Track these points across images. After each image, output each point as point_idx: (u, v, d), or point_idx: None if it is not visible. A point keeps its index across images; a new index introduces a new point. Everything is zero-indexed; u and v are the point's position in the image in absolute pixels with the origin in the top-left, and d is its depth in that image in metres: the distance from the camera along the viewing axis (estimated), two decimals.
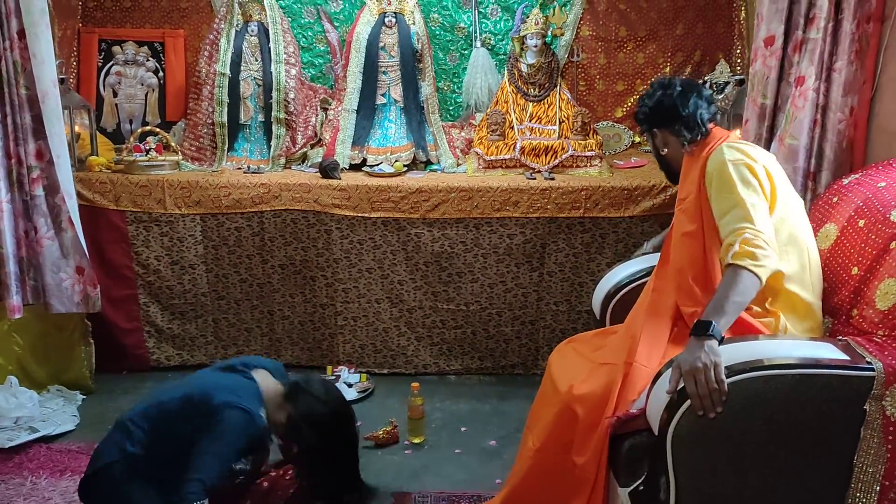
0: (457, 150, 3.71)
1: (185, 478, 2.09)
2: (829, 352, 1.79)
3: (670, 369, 1.82)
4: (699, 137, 2.21)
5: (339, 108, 3.71)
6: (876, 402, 1.71)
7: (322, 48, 3.97)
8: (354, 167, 3.59)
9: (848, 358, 1.76)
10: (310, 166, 3.62)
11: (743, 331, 1.97)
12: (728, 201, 1.99)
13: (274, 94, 3.62)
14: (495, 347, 3.46)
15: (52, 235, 3.04)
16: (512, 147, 3.46)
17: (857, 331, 1.93)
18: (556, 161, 3.42)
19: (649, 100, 2.29)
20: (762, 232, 1.91)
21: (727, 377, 1.71)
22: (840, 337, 1.92)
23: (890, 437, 1.71)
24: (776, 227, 1.99)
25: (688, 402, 1.73)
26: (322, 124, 3.76)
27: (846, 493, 1.77)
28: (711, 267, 2.08)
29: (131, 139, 3.51)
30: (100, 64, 3.92)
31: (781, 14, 2.73)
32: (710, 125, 2.24)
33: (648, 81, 3.92)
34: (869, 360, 1.74)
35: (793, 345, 1.81)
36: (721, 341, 1.80)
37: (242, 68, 3.67)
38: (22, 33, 2.84)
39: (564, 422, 2.05)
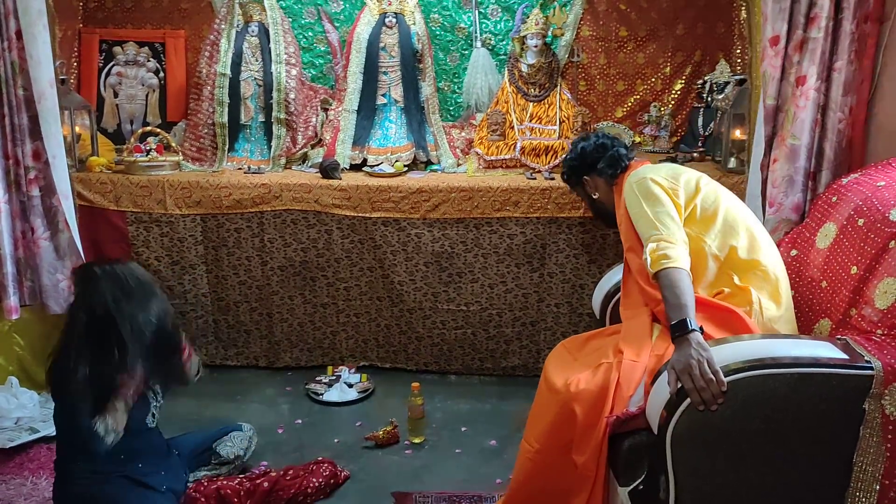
0: (457, 150, 3.72)
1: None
2: (828, 350, 1.79)
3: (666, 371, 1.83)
4: (620, 171, 2.50)
5: (340, 109, 3.71)
6: (875, 400, 1.71)
7: (322, 48, 3.98)
8: (355, 167, 3.59)
9: (847, 357, 1.76)
10: (310, 166, 3.62)
11: (717, 315, 2.05)
12: (638, 217, 2.22)
13: (274, 94, 3.62)
14: (496, 349, 3.46)
15: (48, 236, 3.04)
16: (512, 147, 3.46)
17: (857, 330, 1.93)
18: (557, 161, 3.42)
19: (573, 153, 2.65)
20: (660, 232, 2.11)
21: (726, 376, 1.71)
22: (839, 336, 1.92)
23: (889, 436, 1.71)
24: (707, 214, 2.20)
25: (687, 401, 1.73)
26: (322, 124, 3.76)
27: (846, 492, 1.77)
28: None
29: (132, 139, 3.51)
30: (101, 64, 3.93)
31: (784, 13, 2.73)
32: (629, 162, 2.53)
33: (649, 81, 3.94)
34: (868, 358, 1.74)
35: (792, 343, 1.81)
36: (701, 331, 1.87)
37: (243, 69, 3.67)
38: (19, 34, 2.85)
39: (563, 421, 2.05)
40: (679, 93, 3.96)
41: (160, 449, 2.45)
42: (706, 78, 3.81)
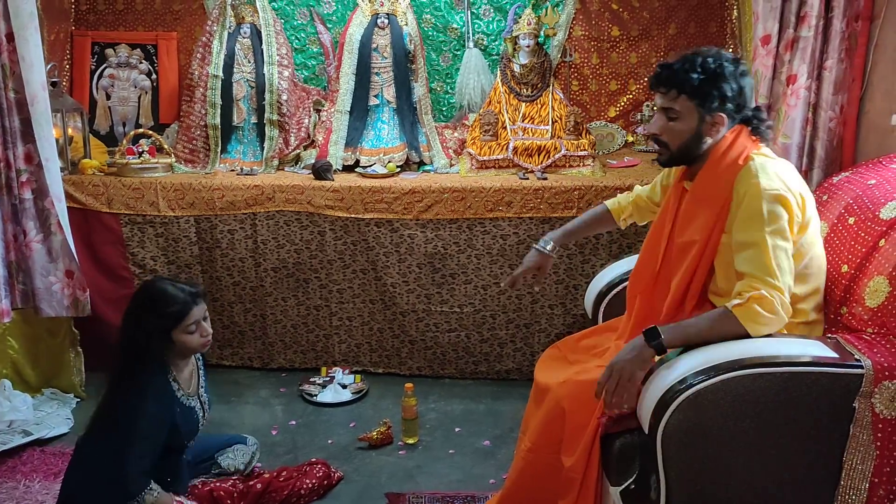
0: (450, 150, 3.72)
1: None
2: (818, 349, 1.80)
3: (661, 367, 1.83)
4: (756, 137, 2.01)
5: (332, 110, 3.71)
6: (865, 399, 1.72)
7: (315, 50, 3.97)
8: (347, 168, 3.59)
9: (837, 355, 1.77)
10: (303, 168, 3.62)
11: None
12: (751, 237, 1.86)
13: (267, 95, 3.62)
14: (490, 352, 3.46)
15: (40, 239, 3.04)
16: (505, 147, 3.46)
17: (847, 328, 1.94)
18: (549, 161, 3.42)
19: (731, 81, 1.94)
20: (781, 290, 1.82)
21: (716, 376, 1.72)
22: (829, 335, 1.93)
23: (879, 434, 1.72)
24: (801, 252, 1.93)
25: (678, 401, 1.74)
26: (315, 126, 3.76)
27: (836, 490, 1.78)
28: (703, 284, 2.02)
29: (124, 142, 3.51)
30: (93, 67, 3.92)
31: (776, 12, 2.74)
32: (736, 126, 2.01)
33: (642, 81, 3.94)
34: (858, 357, 1.75)
35: (782, 343, 1.82)
36: (664, 351, 1.86)
37: (235, 70, 3.66)
38: (11, 36, 2.84)
39: (553, 419, 2.05)
40: None
41: (181, 463, 2.46)
42: None
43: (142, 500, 2.19)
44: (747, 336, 1.82)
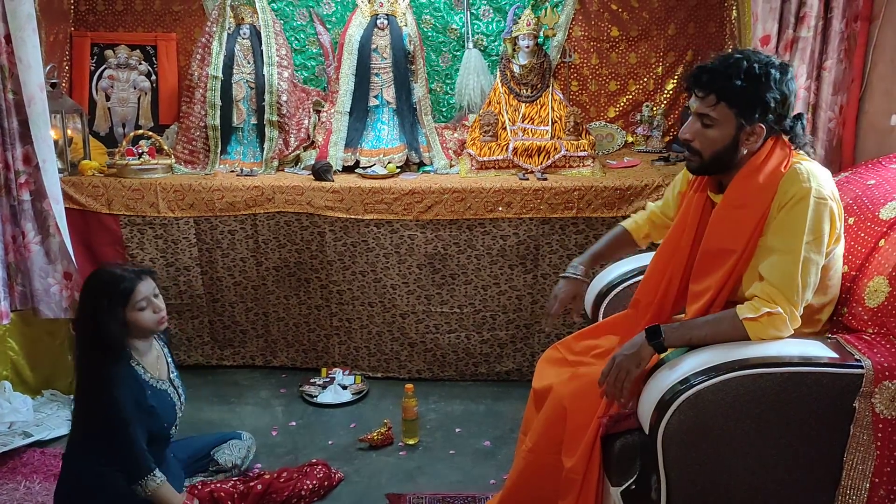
0: (449, 151, 3.72)
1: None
2: (818, 350, 1.80)
3: (661, 368, 1.83)
4: (795, 147, 1.91)
5: (332, 111, 3.71)
6: (865, 399, 1.72)
7: (314, 50, 3.98)
8: (347, 169, 3.58)
9: (837, 356, 1.77)
10: (303, 168, 3.62)
11: None
12: (784, 242, 1.79)
13: (266, 96, 3.62)
14: (490, 353, 3.46)
15: (39, 240, 3.04)
16: (504, 148, 3.46)
17: (847, 328, 1.94)
18: (549, 161, 3.43)
19: (776, 91, 1.82)
20: (797, 306, 1.79)
21: (716, 376, 1.72)
22: (829, 335, 1.93)
23: (879, 434, 1.72)
24: (828, 264, 1.87)
25: (679, 401, 1.74)
26: (315, 126, 3.76)
27: (836, 490, 1.78)
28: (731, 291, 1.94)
29: (124, 143, 3.50)
30: (92, 68, 3.92)
31: (775, 13, 2.75)
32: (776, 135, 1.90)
33: (641, 81, 3.95)
34: (858, 357, 1.75)
35: (782, 343, 1.82)
36: (664, 350, 1.87)
37: (235, 71, 3.66)
38: (8, 38, 2.84)
39: (554, 420, 2.05)
40: (671, 92, 3.96)
41: (166, 456, 2.47)
42: None
43: (144, 484, 2.23)
44: (748, 340, 1.82)
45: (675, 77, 3.94)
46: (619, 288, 2.50)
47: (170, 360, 2.53)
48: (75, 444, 2.37)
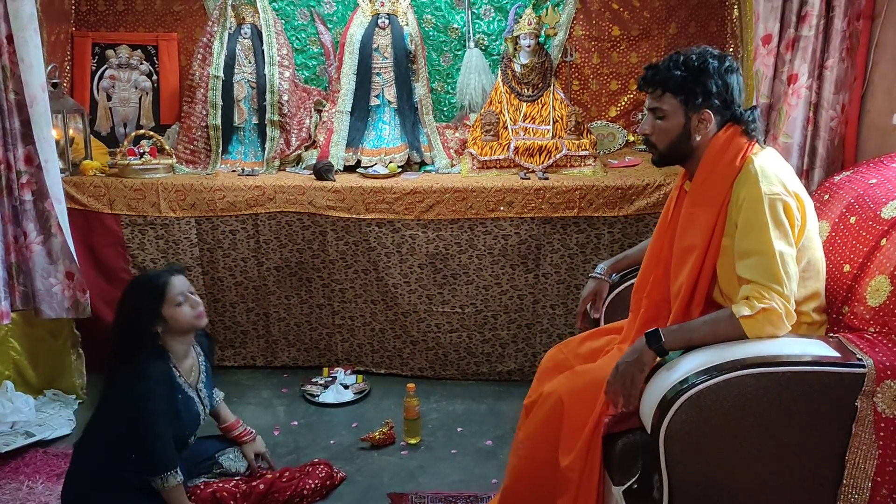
0: (451, 150, 3.72)
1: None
2: (820, 349, 1.80)
3: (663, 367, 1.83)
4: (749, 138, 1.96)
5: (333, 110, 3.71)
6: (867, 398, 1.72)
7: (316, 50, 3.98)
8: (349, 169, 3.59)
9: (839, 355, 1.77)
10: (304, 168, 3.62)
11: None
12: (755, 243, 1.84)
13: (268, 96, 3.62)
14: (491, 352, 3.46)
15: (41, 241, 3.04)
16: (506, 147, 3.46)
17: (849, 328, 1.94)
18: (551, 161, 3.43)
19: (716, 77, 1.93)
20: (789, 298, 1.81)
21: (718, 375, 1.73)
22: (831, 334, 1.93)
23: (881, 434, 1.72)
24: (798, 255, 1.89)
25: (681, 401, 1.74)
26: (316, 126, 3.76)
27: (839, 489, 1.78)
28: (708, 287, 2.00)
29: (125, 143, 3.51)
30: (93, 68, 3.92)
31: (777, 11, 2.74)
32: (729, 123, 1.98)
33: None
34: (860, 356, 1.75)
35: (784, 342, 1.82)
36: (665, 353, 1.88)
37: (236, 71, 3.67)
38: (10, 38, 2.84)
39: (552, 418, 2.05)
40: None
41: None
42: None
43: (165, 479, 2.25)
44: (747, 339, 1.82)
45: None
46: (621, 288, 2.50)
47: (204, 367, 2.55)
48: (90, 440, 2.37)
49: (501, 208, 3.27)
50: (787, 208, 1.86)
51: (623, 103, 4.00)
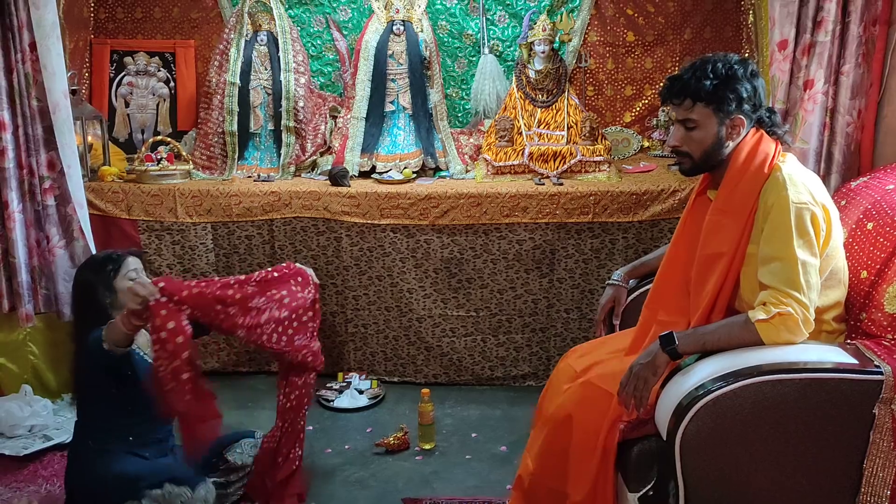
0: (465, 156, 3.73)
1: None
2: (837, 355, 1.79)
3: (678, 373, 1.83)
4: (776, 150, 1.96)
5: (349, 116, 3.73)
6: (885, 405, 1.71)
7: (331, 56, 4.00)
8: (364, 174, 3.60)
9: (856, 362, 1.76)
10: (319, 174, 3.64)
11: None
12: (777, 249, 1.84)
13: (283, 102, 3.65)
14: (506, 356, 3.46)
15: (63, 245, 3.08)
16: (520, 153, 3.47)
17: (866, 334, 1.93)
18: (565, 166, 3.43)
19: (745, 83, 1.92)
20: (807, 307, 1.80)
21: (734, 382, 1.72)
22: (849, 341, 1.92)
23: None
24: (822, 264, 1.89)
25: (696, 407, 1.73)
26: (331, 132, 3.78)
27: (856, 498, 1.76)
28: (730, 296, 1.98)
29: (143, 149, 3.54)
30: (112, 75, 3.96)
31: (792, 17, 2.74)
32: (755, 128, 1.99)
33: (657, 86, 3.94)
34: (877, 363, 1.74)
35: (801, 349, 1.81)
36: (679, 356, 1.87)
37: (252, 77, 3.70)
38: (33, 46, 2.89)
39: (556, 447, 2.04)
40: None
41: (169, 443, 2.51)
42: None
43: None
44: (762, 344, 1.82)
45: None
46: (636, 293, 2.49)
47: None
48: (78, 422, 2.43)
49: (516, 214, 3.26)
50: (813, 218, 1.85)
51: (638, 109, 4.00)
